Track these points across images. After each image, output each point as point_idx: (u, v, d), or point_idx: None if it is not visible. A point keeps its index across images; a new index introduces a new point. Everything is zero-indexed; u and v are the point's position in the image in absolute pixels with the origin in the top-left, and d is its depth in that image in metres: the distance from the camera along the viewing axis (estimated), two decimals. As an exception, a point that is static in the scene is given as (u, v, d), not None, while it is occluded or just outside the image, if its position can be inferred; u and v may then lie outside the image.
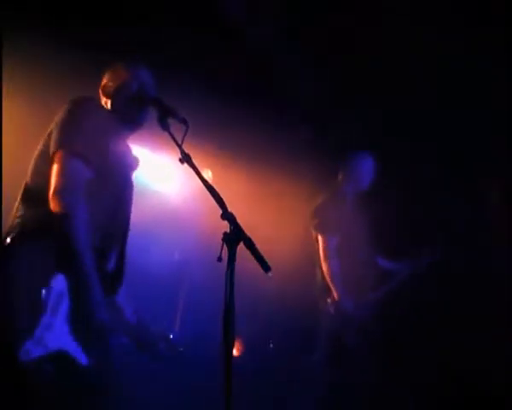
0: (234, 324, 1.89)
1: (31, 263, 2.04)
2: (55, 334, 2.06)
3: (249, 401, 3.63)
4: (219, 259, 1.96)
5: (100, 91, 2.49)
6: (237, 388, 1.86)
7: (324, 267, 3.85)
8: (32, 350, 1.98)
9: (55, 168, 2.14)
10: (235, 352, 4.46)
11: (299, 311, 4.13)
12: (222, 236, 1.97)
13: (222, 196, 2.05)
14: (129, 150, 2.48)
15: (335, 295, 3.79)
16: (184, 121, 2.21)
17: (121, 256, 2.39)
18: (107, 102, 2.46)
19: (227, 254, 1.94)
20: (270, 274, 1.99)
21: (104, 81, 2.49)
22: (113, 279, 2.35)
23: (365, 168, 4.00)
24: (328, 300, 3.82)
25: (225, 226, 1.99)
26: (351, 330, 3.76)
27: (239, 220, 1.99)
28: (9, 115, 2.75)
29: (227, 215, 2.01)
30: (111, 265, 2.34)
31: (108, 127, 2.32)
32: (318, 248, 3.91)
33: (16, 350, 1.95)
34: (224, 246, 1.96)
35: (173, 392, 3.94)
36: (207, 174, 4.40)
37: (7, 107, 2.63)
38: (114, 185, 2.32)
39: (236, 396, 1.85)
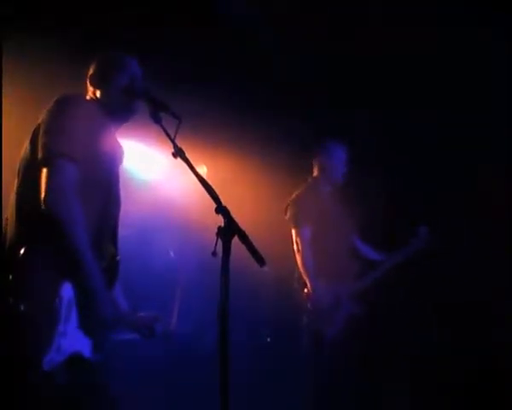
0: (228, 318, 1.88)
1: (43, 275, 2.05)
2: (69, 339, 2.10)
3: (245, 396, 3.64)
4: (214, 253, 1.95)
5: (88, 81, 2.42)
6: (233, 383, 1.86)
7: (298, 260, 3.83)
8: (53, 359, 2.02)
9: (44, 173, 2.10)
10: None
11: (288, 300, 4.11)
12: (216, 230, 1.96)
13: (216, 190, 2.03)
14: (116, 144, 2.44)
15: (308, 285, 3.77)
16: (176, 115, 2.19)
17: (114, 251, 2.37)
18: (95, 92, 2.40)
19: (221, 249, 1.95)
20: (265, 268, 1.98)
21: (92, 71, 2.43)
22: (110, 275, 2.33)
23: (338, 157, 3.96)
24: (305, 291, 3.80)
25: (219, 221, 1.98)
26: (327, 324, 3.73)
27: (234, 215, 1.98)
28: (9, 114, 2.73)
29: (221, 209, 1.99)
30: (106, 261, 2.33)
31: (95, 122, 2.26)
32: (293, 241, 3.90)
33: (40, 362, 1.98)
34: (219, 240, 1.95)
35: (169, 387, 3.95)
36: (202, 169, 4.39)
37: (7, 107, 2.61)
38: (104, 181, 2.28)
39: (233, 391, 1.85)
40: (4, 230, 2.20)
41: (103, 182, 2.29)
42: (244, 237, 1.96)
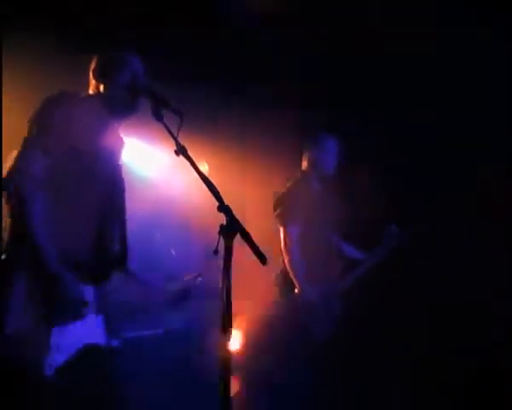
0: (231, 316, 1.89)
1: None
2: (72, 336, 2.12)
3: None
4: (216, 252, 1.96)
5: (90, 75, 2.44)
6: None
7: (285, 259, 3.75)
8: (54, 361, 2.04)
9: (16, 154, 2.17)
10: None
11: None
12: (218, 228, 1.96)
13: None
14: (116, 137, 2.46)
15: (297, 286, 3.71)
16: (178, 112, 2.19)
17: (123, 236, 2.42)
18: (98, 87, 2.41)
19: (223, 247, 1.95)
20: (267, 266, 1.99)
21: (94, 65, 2.44)
22: (120, 258, 2.39)
23: (328, 149, 3.87)
24: (295, 291, 3.74)
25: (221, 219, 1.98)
26: (318, 323, 3.71)
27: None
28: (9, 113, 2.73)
29: (223, 208, 1.99)
30: (116, 247, 2.38)
31: (88, 118, 2.28)
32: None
33: (40, 368, 2.01)
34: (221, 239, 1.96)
35: (170, 386, 3.95)
36: (204, 167, 4.39)
37: (7, 103, 2.61)
38: (102, 173, 2.31)
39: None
40: (4, 231, 2.22)
41: (102, 174, 2.31)
42: (246, 236, 1.96)
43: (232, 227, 1.96)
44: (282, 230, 3.79)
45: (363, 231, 4.20)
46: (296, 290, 3.74)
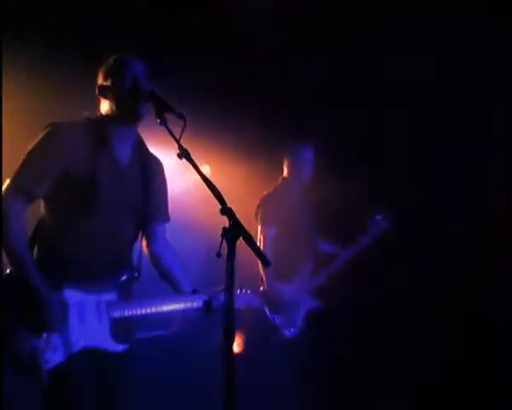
0: (234, 319, 1.89)
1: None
2: (73, 337, 2.20)
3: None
4: (218, 255, 1.95)
5: (97, 94, 2.40)
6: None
7: None
8: (51, 358, 2.14)
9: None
10: (236, 348, 4.48)
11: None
12: (221, 231, 1.95)
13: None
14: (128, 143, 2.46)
15: (264, 284, 3.89)
16: (181, 116, 2.16)
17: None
18: (111, 105, 2.36)
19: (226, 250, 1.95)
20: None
21: (99, 82, 2.40)
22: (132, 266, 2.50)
23: (305, 157, 4.10)
24: (260, 289, 3.90)
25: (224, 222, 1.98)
26: (285, 324, 3.88)
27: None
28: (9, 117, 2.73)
29: (226, 210, 1.98)
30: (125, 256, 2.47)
31: (82, 147, 2.30)
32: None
33: (38, 362, 2.11)
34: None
35: (172, 387, 3.97)
36: (205, 170, 4.43)
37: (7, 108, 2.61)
38: (104, 193, 2.34)
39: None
40: None
41: (104, 194, 2.35)
42: (249, 239, 1.95)
43: (235, 230, 1.95)
44: (259, 229, 4.01)
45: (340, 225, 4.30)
46: (261, 289, 3.89)
